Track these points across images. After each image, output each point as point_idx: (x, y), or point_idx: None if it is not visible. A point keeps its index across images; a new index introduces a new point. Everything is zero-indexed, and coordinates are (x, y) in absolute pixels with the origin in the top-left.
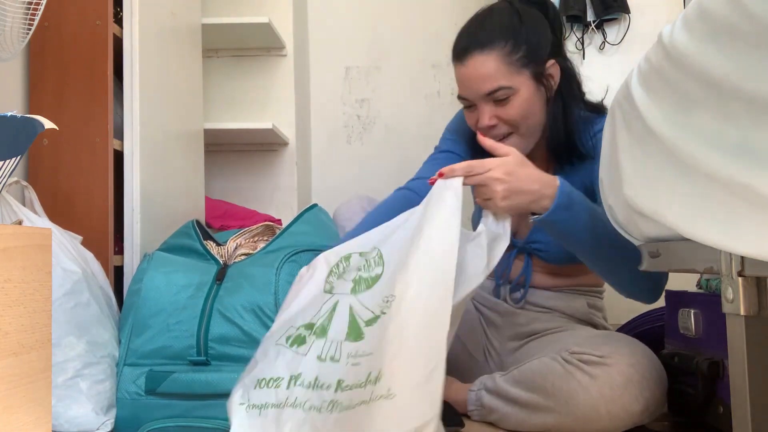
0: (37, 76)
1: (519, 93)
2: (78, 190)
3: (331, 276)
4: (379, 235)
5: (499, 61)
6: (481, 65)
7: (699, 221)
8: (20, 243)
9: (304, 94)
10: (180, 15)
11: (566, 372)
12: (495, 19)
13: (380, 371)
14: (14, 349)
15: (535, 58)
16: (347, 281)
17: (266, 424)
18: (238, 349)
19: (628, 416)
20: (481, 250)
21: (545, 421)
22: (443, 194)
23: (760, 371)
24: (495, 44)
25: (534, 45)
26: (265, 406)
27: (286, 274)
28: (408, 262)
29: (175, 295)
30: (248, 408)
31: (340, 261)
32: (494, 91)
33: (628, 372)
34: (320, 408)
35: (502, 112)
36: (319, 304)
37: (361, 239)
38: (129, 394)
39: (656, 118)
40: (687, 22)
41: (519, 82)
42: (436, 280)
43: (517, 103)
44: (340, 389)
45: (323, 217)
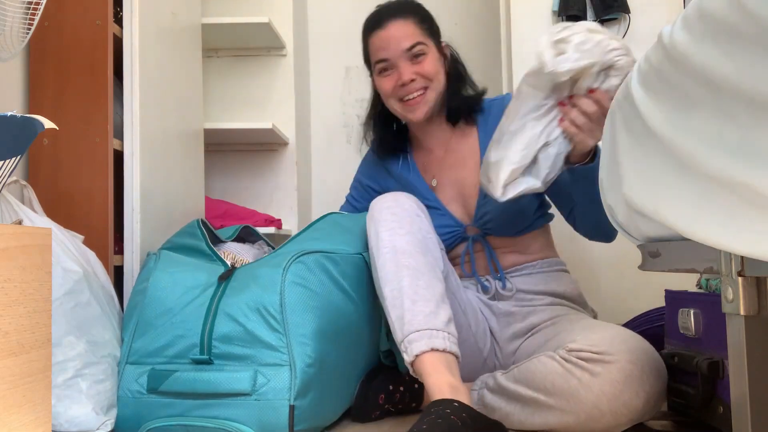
0: (37, 76)
1: (431, 52)
2: (78, 190)
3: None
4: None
5: (413, 24)
6: (402, 26)
7: (699, 221)
8: (20, 243)
9: (304, 94)
10: (180, 15)
11: (565, 371)
12: (404, 2)
13: None
14: (14, 349)
15: (435, 34)
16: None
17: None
18: (242, 349)
19: (630, 412)
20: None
21: (547, 420)
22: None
23: (760, 371)
24: (408, 14)
25: (433, 25)
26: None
27: (292, 275)
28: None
29: (181, 296)
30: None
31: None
32: (414, 45)
33: (628, 368)
34: None
35: (419, 68)
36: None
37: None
38: (131, 392)
39: (656, 118)
40: (687, 22)
41: (429, 44)
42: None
43: (430, 59)
44: None
45: (339, 221)
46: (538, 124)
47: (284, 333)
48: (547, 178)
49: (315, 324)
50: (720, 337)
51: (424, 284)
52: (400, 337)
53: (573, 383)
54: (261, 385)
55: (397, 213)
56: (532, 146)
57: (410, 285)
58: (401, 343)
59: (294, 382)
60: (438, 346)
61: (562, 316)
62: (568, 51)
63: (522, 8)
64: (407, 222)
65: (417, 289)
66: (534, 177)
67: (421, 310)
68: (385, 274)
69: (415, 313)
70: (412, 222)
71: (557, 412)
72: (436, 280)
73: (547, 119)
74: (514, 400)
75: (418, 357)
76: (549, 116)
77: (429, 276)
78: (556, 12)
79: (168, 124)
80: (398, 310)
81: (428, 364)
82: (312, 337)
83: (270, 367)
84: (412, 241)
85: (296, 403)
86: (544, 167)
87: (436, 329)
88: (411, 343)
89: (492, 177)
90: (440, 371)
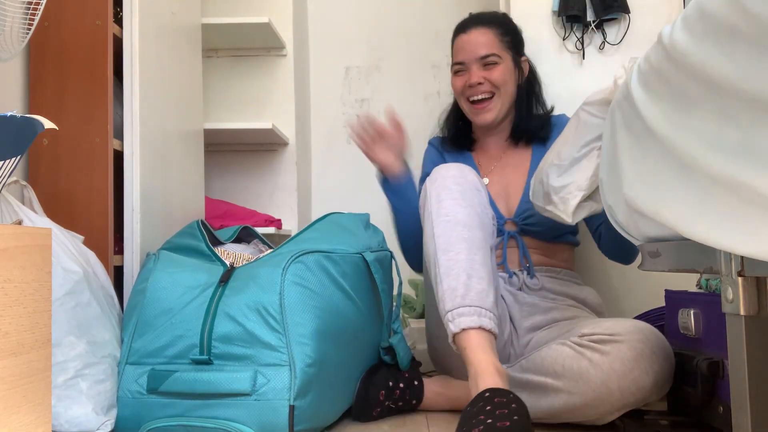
0: (37, 76)
1: (504, 63)
2: (78, 190)
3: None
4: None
5: (494, 35)
6: (482, 35)
7: (699, 221)
8: (20, 243)
9: (304, 94)
10: (180, 15)
11: (576, 353)
12: (492, 14)
13: None
14: (14, 349)
15: (516, 47)
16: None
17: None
18: (242, 349)
19: (639, 390)
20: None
21: (553, 403)
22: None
23: (760, 371)
24: (492, 25)
25: (516, 39)
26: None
27: (292, 275)
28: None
29: (180, 296)
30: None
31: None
32: (487, 56)
33: (639, 347)
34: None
35: (489, 74)
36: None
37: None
38: (131, 392)
39: (656, 118)
40: (687, 22)
41: (504, 56)
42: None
43: (501, 69)
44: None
45: (339, 220)
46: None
47: (284, 333)
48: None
49: (315, 324)
50: (720, 337)
51: (480, 260)
52: (449, 306)
53: (584, 364)
54: (261, 386)
55: (461, 183)
56: (598, 174)
57: (467, 259)
58: (450, 312)
59: (294, 382)
60: (486, 326)
61: (581, 317)
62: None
63: (522, 8)
64: (469, 195)
65: (473, 264)
66: (596, 201)
67: (475, 286)
68: (444, 242)
69: (470, 287)
70: (473, 195)
71: (564, 394)
72: (489, 257)
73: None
74: (520, 388)
75: (464, 331)
76: None
77: (484, 252)
78: (556, 12)
79: (168, 124)
80: (452, 280)
81: (475, 341)
82: (312, 337)
83: (270, 367)
84: (471, 215)
85: (296, 403)
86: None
87: (486, 309)
88: (461, 316)
89: (558, 201)
90: (486, 350)
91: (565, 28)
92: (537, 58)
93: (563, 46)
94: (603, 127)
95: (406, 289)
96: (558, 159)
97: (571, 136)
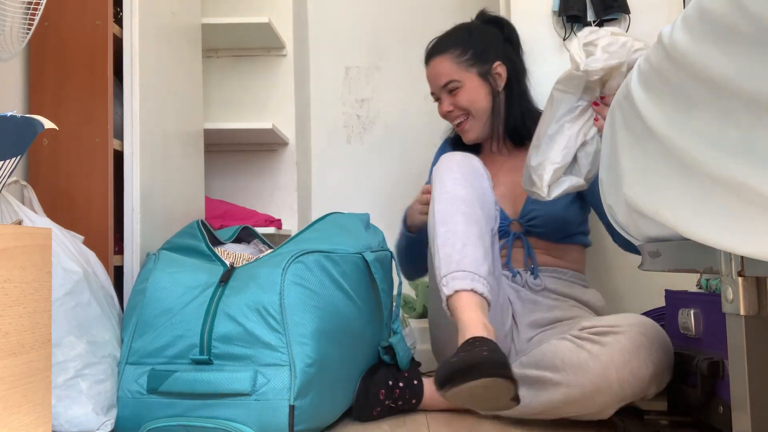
0: (37, 76)
1: (467, 84)
2: (78, 190)
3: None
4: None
5: (450, 61)
6: (439, 65)
7: (699, 221)
8: (20, 243)
9: (304, 94)
10: (180, 15)
11: (576, 346)
12: (450, 34)
13: None
14: (14, 349)
15: (481, 59)
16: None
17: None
18: (241, 349)
19: (638, 381)
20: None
21: (552, 397)
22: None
23: (760, 371)
24: (448, 50)
25: (479, 50)
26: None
27: (292, 275)
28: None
29: (180, 296)
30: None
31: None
32: (447, 83)
33: (638, 338)
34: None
35: (455, 100)
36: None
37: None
38: (131, 392)
39: (656, 118)
40: (687, 22)
41: (464, 77)
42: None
43: (463, 93)
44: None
45: (339, 220)
46: (574, 125)
47: (284, 333)
48: (588, 175)
49: (315, 324)
50: (720, 337)
51: (477, 232)
52: (444, 272)
53: (583, 356)
54: (261, 386)
55: (464, 166)
56: (571, 146)
57: (464, 230)
58: (444, 277)
59: (294, 382)
60: (478, 289)
61: (584, 317)
62: (596, 53)
63: (522, 8)
64: (471, 177)
65: (470, 235)
66: (576, 175)
67: (470, 253)
68: (442, 216)
69: (465, 254)
70: (475, 178)
71: (563, 387)
72: (487, 233)
73: (582, 120)
74: (520, 383)
75: (457, 293)
76: (584, 117)
77: (482, 226)
78: (556, 12)
79: (168, 124)
80: (449, 248)
81: (465, 301)
82: (312, 337)
83: (270, 367)
84: (471, 194)
85: (296, 403)
86: (585, 165)
87: (480, 275)
88: (454, 279)
89: (536, 179)
90: (476, 311)
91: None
92: (537, 58)
93: (563, 46)
94: (572, 100)
95: (406, 289)
96: (536, 140)
97: (547, 116)
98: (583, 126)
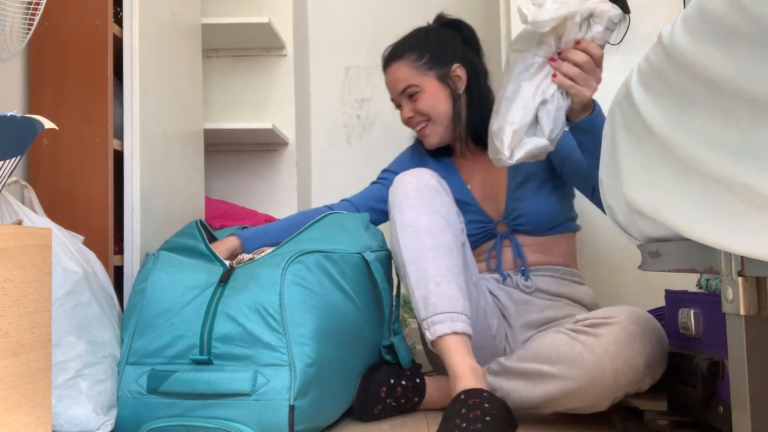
0: (37, 76)
1: (424, 90)
2: (78, 190)
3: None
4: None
5: (407, 67)
6: (396, 71)
7: (699, 221)
8: (20, 243)
9: (304, 94)
10: (180, 15)
11: (570, 338)
12: (406, 38)
13: None
14: (14, 349)
15: (438, 63)
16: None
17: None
18: (241, 349)
19: (632, 371)
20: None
21: (548, 390)
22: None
23: (760, 371)
24: (404, 55)
25: (436, 54)
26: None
27: (291, 275)
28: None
29: (180, 296)
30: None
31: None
32: (405, 89)
33: (630, 328)
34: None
35: (415, 106)
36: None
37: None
38: (131, 393)
39: (656, 118)
40: (687, 22)
41: (423, 81)
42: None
43: (423, 98)
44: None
45: (339, 220)
46: (531, 83)
47: (284, 333)
48: (551, 135)
49: (314, 324)
50: (720, 337)
51: (446, 265)
52: (423, 315)
53: (578, 348)
54: (261, 386)
55: (420, 189)
56: (530, 105)
57: (434, 267)
58: (424, 321)
59: (294, 382)
60: (458, 330)
61: (578, 312)
62: (546, 3)
63: None
64: (428, 199)
65: (440, 270)
66: (539, 136)
67: (444, 292)
68: (410, 254)
69: (440, 295)
70: (433, 199)
71: (559, 379)
72: (457, 257)
73: (539, 77)
74: (516, 377)
75: (440, 338)
76: (541, 74)
77: (452, 254)
78: None
79: (168, 124)
80: (422, 290)
81: (450, 345)
82: (311, 337)
83: (270, 368)
84: (434, 220)
85: (296, 403)
86: (547, 124)
87: (457, 312)
88: (435, 324)
89: (498, 145)
90: (461, 353)
91: None
92: None
93: None
94: (527, 58)
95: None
96: (496, 105)
97: (504, 80)
98: (541, 83)
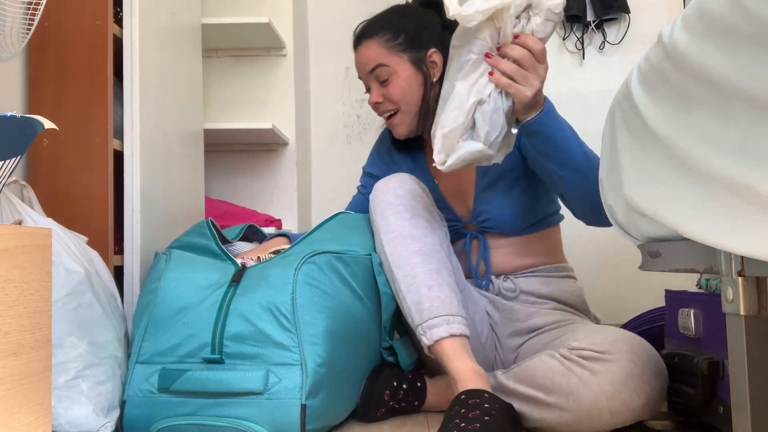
0: (37, 76)
1: (397, 73)
2: (78, 190)
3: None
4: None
5: (379, 46)
6: (367, 49)
7: (699, 221)
8: (20, 243)
9: (304, 94)
10: (180, 15)
11: (565, 369)
12: (381, 16)
13: None
14: (14, 349)
15: (414, 45)
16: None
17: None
18: (253, 348)
19: (629, 411)
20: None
21: (545, 417)
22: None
23: (760, 371)
24: (377, 34)
25: (411, 35)
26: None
27: (304, 275)
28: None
29: (193, 296)
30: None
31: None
32: (374, 68)
33: (628, 367)
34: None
35: (385, 91)
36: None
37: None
38: (141, 391)
39: (656, 118)
40: (687, 22)
41: (396, 63)
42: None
43: (396, 82)
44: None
45: (348, 221)
46: (465, 82)
47: (296, 333)
48: (489, 138)
49: (326, 324)
50: (720, 337)
51: (435, 267)
52: (417, 321)
53: (573, 381)
54: (273, 385)
55: (402, 195)
56: (463, 106)
57: (424, 271)
58: (419, 327)
59: (305, 381)
60: (456, 332)
61: (566, 321)
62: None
63: None
64: (411, 204)
65: (430, 273)
66: (474, 140)
67: (437, 295)
68: (397, 260)
69: (433, 299)
70: (416, 204)
71: (556, 410)
72: (445, 260)
73: (474, 75)
74: (513, 397)
75: (438, 342)
76: (476, 72)
77: (440, 256)
78: None
79: (168, 124)
80: (414, 295)
81: (449, 349)
82: (323, 337)
83: (281, 367)
84: (417, 225)
85: (308, 403)
86: (482, 126)
87: (452, 314)
88: (431, 329)
89: (436, 152)
90: (461, 355)
91: (565, 28)
92: None
93: (563, 46)
94: (462, 53)
95: None
96: (439, 110)
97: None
98: (476, 82)
